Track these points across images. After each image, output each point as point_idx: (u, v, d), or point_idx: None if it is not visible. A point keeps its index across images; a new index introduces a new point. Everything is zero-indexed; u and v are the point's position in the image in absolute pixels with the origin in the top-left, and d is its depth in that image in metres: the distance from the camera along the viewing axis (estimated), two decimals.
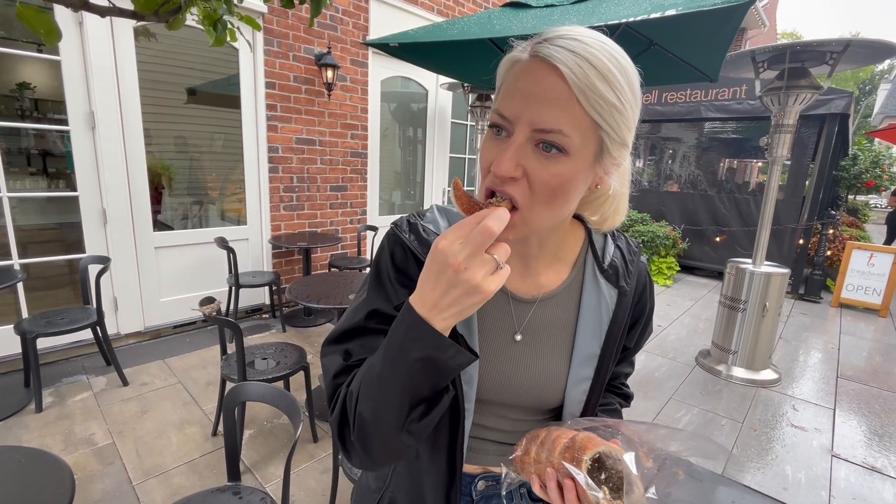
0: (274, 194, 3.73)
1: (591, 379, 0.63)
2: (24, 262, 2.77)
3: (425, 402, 0.49)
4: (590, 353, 0.63)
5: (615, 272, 0.64)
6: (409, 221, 0.61)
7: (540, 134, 0.46)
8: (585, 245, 0.65)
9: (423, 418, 0.49)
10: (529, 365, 0.62)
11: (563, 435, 0.54)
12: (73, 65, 2.72)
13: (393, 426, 0.48)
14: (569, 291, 0.64)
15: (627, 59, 0.49)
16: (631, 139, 0.52)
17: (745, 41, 11.21)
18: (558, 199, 0.49)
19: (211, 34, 1.35)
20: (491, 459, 0.67)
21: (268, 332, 3.52)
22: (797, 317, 4.57)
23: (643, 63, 2.06)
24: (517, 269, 0.62)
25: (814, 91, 2.70)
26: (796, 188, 5.33)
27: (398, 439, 0.48)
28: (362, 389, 0.50)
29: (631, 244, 0.69)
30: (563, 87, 0.45)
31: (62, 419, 2.28)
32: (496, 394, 0.62)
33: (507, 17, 2.18)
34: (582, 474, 0.48)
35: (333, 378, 0.56)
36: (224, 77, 3.45)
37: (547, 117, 0.45)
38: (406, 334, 0.46)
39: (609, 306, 0.63)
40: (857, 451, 2.35)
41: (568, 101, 0.45)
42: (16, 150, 2.96)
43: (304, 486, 1.92)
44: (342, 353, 0.57)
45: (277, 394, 1.31)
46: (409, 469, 0.67)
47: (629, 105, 0.48)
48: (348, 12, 3.93)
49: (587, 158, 0.49)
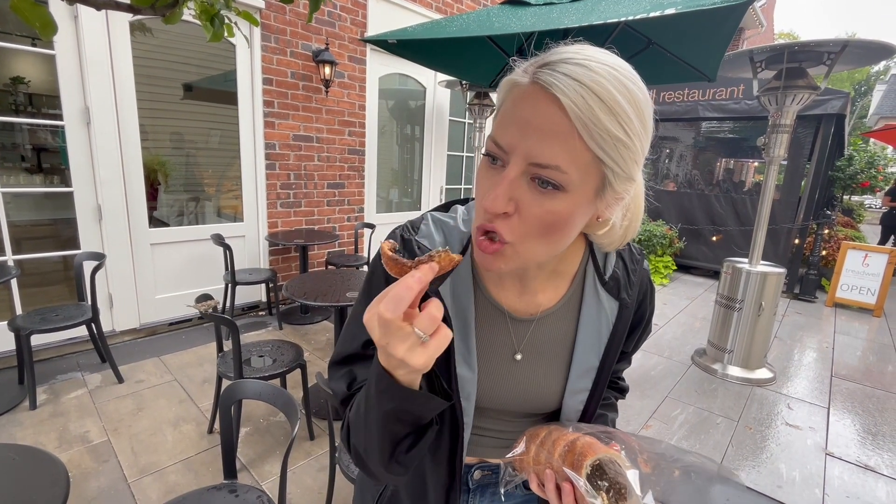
0: (271, 191, 3.71)
1: (588, 390, 0.63)
2: (18, 259, 2.74)
3: (412, 436, 0.50)
4: (588, 366, 0.62)
5: (616, 284, 0.62)
6: (403, 237, 0.59)
7: (535, 168, 0.43)
8: (586, 257, 0.62)
9: (411, 450, 0.50)
10: (528, 380, 0.63)
11: (563, 438, 0.54)
12: (67, 59, 2.69)
13: (383, 459, 0.49)
14: (568, 306, 0.62)
15: (640, 86, 0.45)
16: (639, 173, 0.49)
17: (743, 41, 11.24)
18: (553, 235, 0.46)
19: (208, 29, 1.33)
20: (488, 452, 0.68)
21: (264, 329, 3.51)
22: (792, 316, 4.59)
23: (641, 62, 2.07)
24: (514, 288, 0.60)
25: (811, 91, 2.71)
26: (792, 188, 5.36)
27: (389, 469, 0.50)
28: (352, 425, 0.53)
29: (634, 252, 0.66)
30: (562, 119, 0.41)
31: (56, 416, 2.27)
32: (494, 405, 0.63)
33: (507, 15, 2.17)
34: (582, 480, 0.48)
35: (341, 404, 0.59)
36: (221, 73, 3.42)
37: (544, 151, 0.42)
38: (376, 385, 0.45)
39: (609, 319, 0.61)
40: (850, 449, 2.37)
41: (568, 135, 0.42)
42: (9, 146, 2.93)
43: (300, 483, 1.92)
44: (346, 378, 0.58)
45: (274, 392, 1.30)
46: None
47: (637, 138, 0.44)
48: (346, 9, 3.91)
49: (587, 194, 0.45)
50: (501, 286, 0.61)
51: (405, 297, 0.38)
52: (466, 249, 0.59)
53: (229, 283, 3.28)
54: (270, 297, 3.81)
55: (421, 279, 0.39)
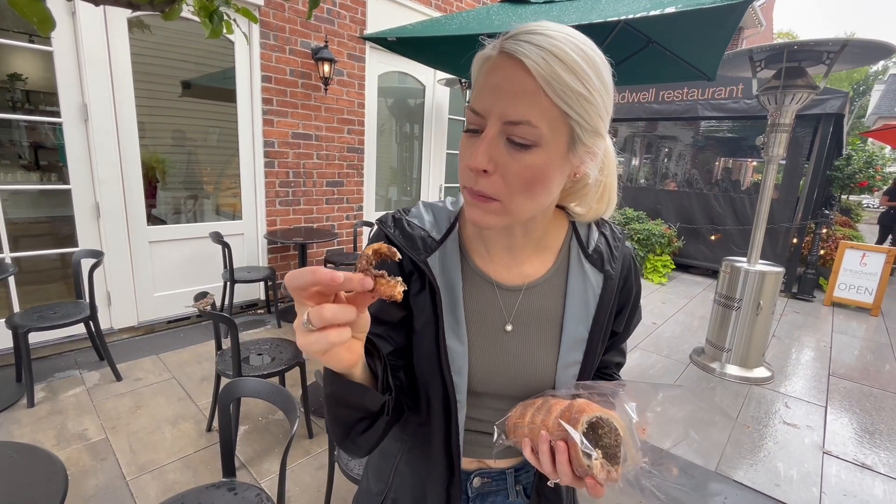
0: (270, 189, 3.70)
1: (579, 363, 0.64)
2: (16, 256, 2.73)
3: (365, 420, 0.54)
4: (578, 337, 0.63)
5: (600, 257, 0.64)
6: (394, 217, 0.63)
7: (510, 127, 0.47)
8: (569, 233, 0.66)
9: (365, 433, 0.54)
10: (519, 353, 0.63)
11: (560, 402, 0.54)
12: (65, 56, 2.68)
13: (341, 436, 0.55)
14: (555, 278, 0.64)
15: (596, 50, 0.50)
16: (604, 127, 0.53)
17: (742, 40, 11.25)
18: (535, 188, 0.50)
19: (207, 26, 1.33)
20: (486, 452, 0.67)
21: (263, 327, 3.50)
22: (790, 315, 4.60)
23: (641, 60, 2.08)
24: (503, 259, 0.63)
25: (810, 91, 2.71)
26: (791, 187, 5.37)
27: (347, 445, 0.56)
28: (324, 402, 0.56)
29: (616, 231, 0.69)
30: (528, 80, 0.46)
31: (54, 414, 2.26)
32: (487, 384, 0.62)
33: (506, 13, 2.17)
34: (578, 433, 0.48)
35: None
36: (220, 70, 3.41)
37: (517, 109, 0.47)
38: (325, 369, 0.49)
39: (595, 291, 0.63)
40: (848, 448, 2.38)
41: (534, 93, 0.46)
42: (7, 143, 2.92)
43: (299, 481, 1.92)
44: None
45: (273, 390, 1.30)
46: (411, 469, 0.67)
47: (598, 94, 0.49)
48: (346, 6, 3.90)
49: (559, 148, 0.50)
50: (489, 259, 0.63)
51: (305, 278, 0.38)
52: (454, 227, 0.63)
53: (228, 281, 3.28)
54: (269, 295, 3.81)
55: (334, 278, 0.38)
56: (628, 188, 7.19)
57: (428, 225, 0.62)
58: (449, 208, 0.65)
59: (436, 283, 0.59)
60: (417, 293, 0.60)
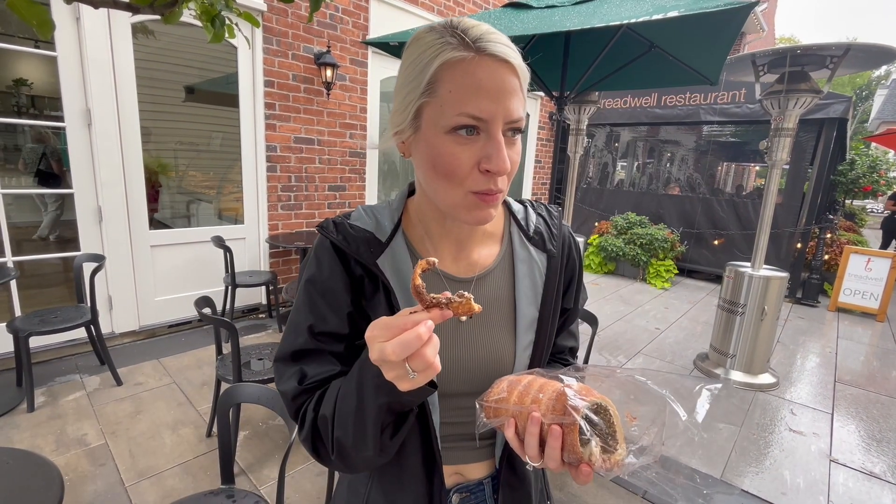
0: (272, 193, 3.71)
1: (532, 344, 0.64)
2: (18, 260, 2.73)
3: (393, 424, 0.53)
4: (530, 318, 0.64)
5: (541, 238, 0.67)
6: (335, 222, 0.62)
7: (511, 125, 0.51)
8: (508, 218, 0.69)
9: (393, 437, 0.54)
10: (478, 343, 0.62)
11: (550, 384, 0.51)
12: (69, 61, 2.69)
13: (371, 450, 0.52)
14: (503, 265, 0.66)
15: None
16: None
17: (744, 45, 11.26)
18: (515, 170, 0.54)
19: (209, 30, 1.33)
20: (461, 456, 0.65)
21: (264, 332, 3.49)
22: (794, 321, 4.57)
23: (643, 65, 2.08)
24: (450, 252, 0.64)
25: (814, 95, 2.70)
26: (795, 192, 5.35)
27: (376, 457, 0.53)
28: (338, 419, 0.53)
29: (552, 210, 0.72)
30: (515, 79, 0.51)
31: (54, 419, 2.25)
32: (452, 381, 0.61)
33: (509, 18, 2.17)
34: (580, 419, 0.46)
35: (293, 400, 0.59)
36: (222, 75, 3.43)
37: (516, 110, 0.51)
38: (373, 381, 0.48)
39: (541, 270, 0.65)
40: (855, 456, 2.35)
41: (520, 90, 0.51)
42: (11, 147, 2.93)
43: (298, 488, 1.90)
44: (297, 375, 0.58)
45: (273, 395, 1.29)
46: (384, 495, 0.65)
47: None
48: (348, 11, 3.92)
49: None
50: (442, 253, 0.63)
51: (413, 346, 0.41)
52: (398, 227, 0.63)
53: (229, 285, 3.27)
54: (270, 299, 3.80)
55: (430, 328, 0.42)
56: (631, 192, 7.18)
57: (371, 227, 0.62)
58: (392, 208, 0.65)
59: (389, 284, 0.58)
60: (371, 297, 0.60)
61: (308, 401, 0.57)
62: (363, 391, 0.50)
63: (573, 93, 2.76)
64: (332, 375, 0.58)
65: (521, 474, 0.67)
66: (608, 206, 6.81)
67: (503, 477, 0.66)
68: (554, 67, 2.68)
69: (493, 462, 0.67)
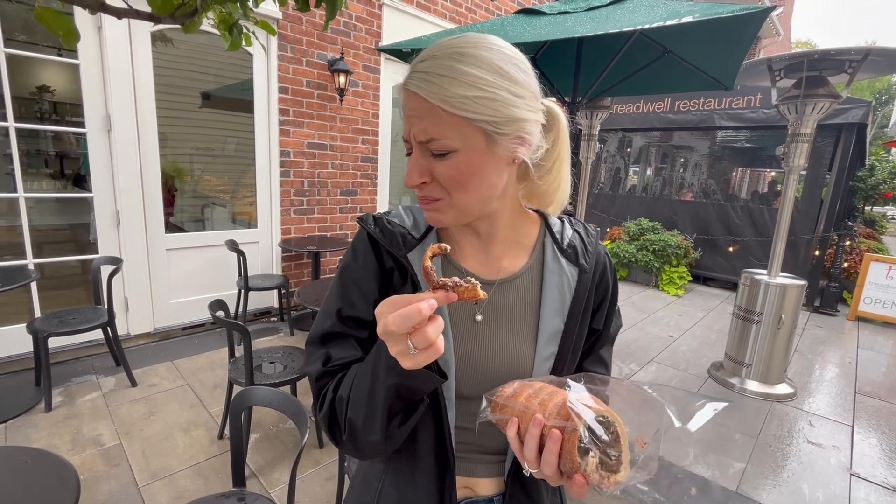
0: (285, 198, 3.75)
1: (555, 356, 0.63)
2: (39, 262, 2.80)
3: (403, 412, 0.56)
4: (554, 329, 0.64)
5: (574, 252, 0.67)
6: (374, 216, 0.67)
7: (425, 145, 0.54)
8: (543, 230, 0.69)
9: (402, 426, 0.56)
10: (493, 345, 0.63)
11: (562, 392, 0.51)
12: (91, 68, 2.77)
13: (378, 433, 0.54)
14: (531, 273, 0.66)
15: (491, 48, 0.54)
16: (524, 112, 0.55)
17: (759, 50, 11.13)
18: (468, 183, 0.55)
19: (226, 38, 1.36)
20: (472, 468, 0.65)
21: (276, 335, 3.52)
22: (812, 330, 4.47)
23: (656, 70, 2.05)
24: (478, 255, 0.66)
25: (832, 100, 2.65)
26: (812, 198, 5.25)
27: (382, 443, 0.55)
28: (352, 401, 0.56)
29: (589, 229, 0.72)
30: (425, 104, 0.53)
31: (71, 419, 2.29)
32: (469, 382, 0.62)
33: (521, 24, 2.18)
34: (582, 426, 0.45)
35: (316, 381, 0.62)
36: (238, 82, 3.49)
37: (423, 132, 0.53)
38: (385, 362, 0.51)
39: (571, 283, 0.65)
40: (877, 470, 2.28)
41: (434, 113, 0.52)
42: (34, 152, 3.01)
43: (308, 492, 1.90)
44: (322, 357, 0.62)
45: (284, 399, 1.29)
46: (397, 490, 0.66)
47: (498, 88, 0.53)
48: (362, 19, 3.97)
49: (477, 146, 0.54)
50: (468, 254, 0.66)
51: (413, 319, 0.43)
52: (433, 227, 0.66)
53: (242, 288, 3.31)
54: (282, 303, 3.83)
55: (433, 306, 0.44)
56: (643, 198, 7.11)
57: (408, 224, 0.65)
58: None
59: (417, 278, 0.61)
60: (399, 288, 0.63)
61: (330, 382, 0.61)
62: (377, 371, 0.52)
63: (585, 98, 2.75)
64: (355, 360, 0.61)
65: (531, 494, 0.66)
66: (620, 212, 6.75)
67: (510, 492, 0.65)
68: (566, 73, 2.68)
69: (503, 480, 0.66)
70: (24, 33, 2.70)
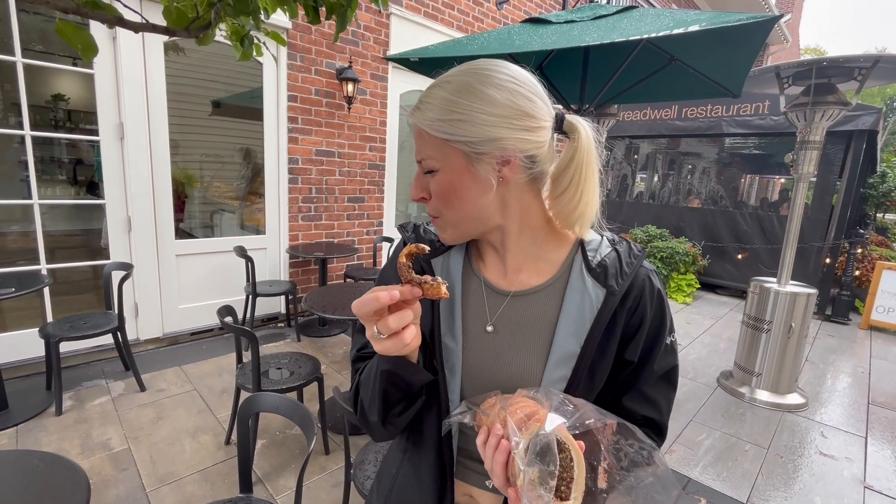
0: (293, 205, 3.78)
1: (567, 380, 0.60)
2: (51, 267, 2.84)
3: (403, 403, 0.62)
4: (568, 351, 0.60)
5: (604, 271, 0.62)
6: (415, 224, 0.74)
7: (420, 164, 0.62)
8: (576, 247, 0.66)
9: (401, 415, 0.62)
10: (506, 361, 0.63)
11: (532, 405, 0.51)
12: (105, 78, 2.82)
13: (376, 416, 0.61)
14: (552, 290, 0.64)
15: (466, 75, 0.58)
16: (504, 132, 0.56)
17: (767, 57, 11.09)
18: (450, 199, 0.60)
19: (238, 49, 1.38)
20: (475, 478, 0.66)
21: (283, 341, 3.54)
22: (824, 338, 4.40)
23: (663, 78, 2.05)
24: (497, 267, 0.68)
25: (841, 107, 2.64)
26: (822, 206, 5.19)
27: (381, 426, 0.63)
28: (362, 383, 0.65)
29: (633, 249, 0.66)
30: (416, 128, 0.60)
31: (80, 423, 2.32)
32: (475, 388, 0.63)
33: (528, 33, 2.19)
34: (522, 441, 0.45)
35: (352, 364, 0.73)
36: (248, 90, 3.54)
37: (417, 152, 0.62)
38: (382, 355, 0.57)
39: (594, 305, 0.60)
40: (892, 482, 2.23)
41: (420, 136, 0.60)
42: (48, 159, 3.07)
43: (315, 498, 1.90)
44: (358, 344, 0.72)
45: (291, 405, 1.30)
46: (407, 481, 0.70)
47: (475, 111, 0.56)
48: (370, 28, 4.01)
49: (456, 165, 0.59)
50: (489, 264, 0.69)
51: (370, 305, 0.50)
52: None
53: (250, 294, 3.33)
54: (290, 309, 3.85)
55: (393, 297, 0.49)
56: (651, 205, 7.08)
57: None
58: None
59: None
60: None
61: (362, 367, 0.68)
62: (377, 359, 0.59)
63: (592, 106, 2.76)
64: None
65: None
66: (627, 219, 6.73)
67: None
68: (573, 81, 2.69)
69: (503, 498, 0.66)
70: (40, 43, 2.77)
